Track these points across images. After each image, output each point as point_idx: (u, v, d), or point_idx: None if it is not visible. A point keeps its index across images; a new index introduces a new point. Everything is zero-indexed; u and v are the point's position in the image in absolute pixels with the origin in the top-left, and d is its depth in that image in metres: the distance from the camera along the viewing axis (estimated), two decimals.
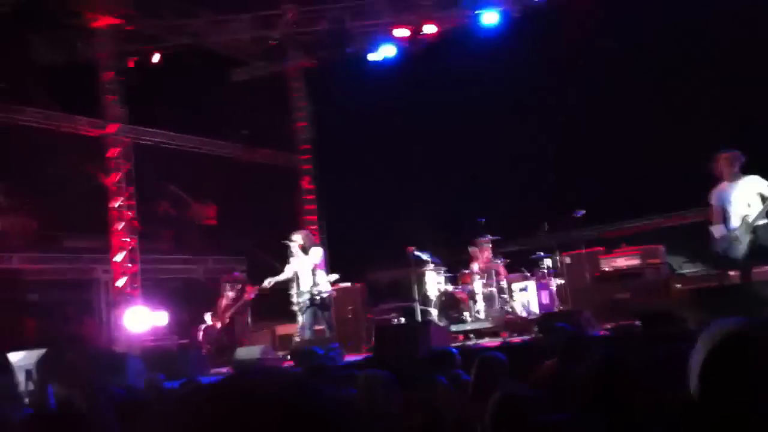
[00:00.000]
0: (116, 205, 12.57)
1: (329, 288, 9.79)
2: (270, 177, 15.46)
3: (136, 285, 12.16)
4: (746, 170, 7.92)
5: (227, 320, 11.65)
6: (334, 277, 11.03)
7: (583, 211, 10.21)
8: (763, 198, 7.63)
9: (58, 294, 12.46)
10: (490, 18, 12.45)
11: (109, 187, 12.71)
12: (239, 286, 11.77)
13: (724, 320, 1.35)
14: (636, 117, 11.93)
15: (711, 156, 8.07)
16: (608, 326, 8.46)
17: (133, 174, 12.88)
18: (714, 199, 8.06)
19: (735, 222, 7.79)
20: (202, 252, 14.57)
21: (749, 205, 7.70)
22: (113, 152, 12.82)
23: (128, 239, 12.47)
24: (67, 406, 2.72)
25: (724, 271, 8.35)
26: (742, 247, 7.66)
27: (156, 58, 12.67)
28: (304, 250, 9.78)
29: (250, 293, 11.46)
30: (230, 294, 11.66)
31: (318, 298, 9.57)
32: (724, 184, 7.99)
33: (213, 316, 11.45)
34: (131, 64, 12.84)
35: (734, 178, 7.87)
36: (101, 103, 13.03)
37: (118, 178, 12.69)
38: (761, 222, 7.64)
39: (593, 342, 6.00)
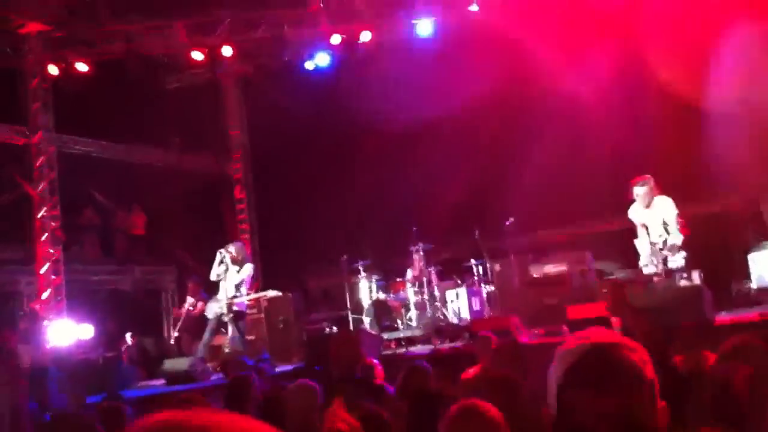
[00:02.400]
0: (40, 215, 12.15)
1: (246, 301, 9.90)
2: (202, 186, 15.23)
3: (60, 297, 11.79)
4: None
5: (175, 335, 11.46)
6: (273, 293, 10.97)
7: (512, 219, 10.37)
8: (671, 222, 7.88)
9: None
10: (424, 27, 12.55)
11: (34, 197, 12.27)
12: (191, 300, 11.56)
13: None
14: (568, 125, 12.13)
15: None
16: (537, 331, 8.62)
17: (57, 183, 12.47)
18: (632, 217, 8.30)
19: (654, 242, 8.08)
20: (130, 262, 14.21)
21: (660, 235, 7.98)
22: (39, 161, 12.39)
23: (52, 251, 12.06)
24: None
25: (649, 276, 8.57)
26: (660, 266, 7.96)
27: (83, 67, 12.31)
28: (236, 262, 9.80)
29: (199, 309, 11.26)
30: (185, 307, 11.48)
31: (235, 308, 9.63)
32: (640, 206, 8.22)
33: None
34: (59, 72, 12.45)
35: (648, 203, 8.11)
36: (27, 110, 12.60)
37: (42, 187, 12.26)
38: (671, 256, 7.91)
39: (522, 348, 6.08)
